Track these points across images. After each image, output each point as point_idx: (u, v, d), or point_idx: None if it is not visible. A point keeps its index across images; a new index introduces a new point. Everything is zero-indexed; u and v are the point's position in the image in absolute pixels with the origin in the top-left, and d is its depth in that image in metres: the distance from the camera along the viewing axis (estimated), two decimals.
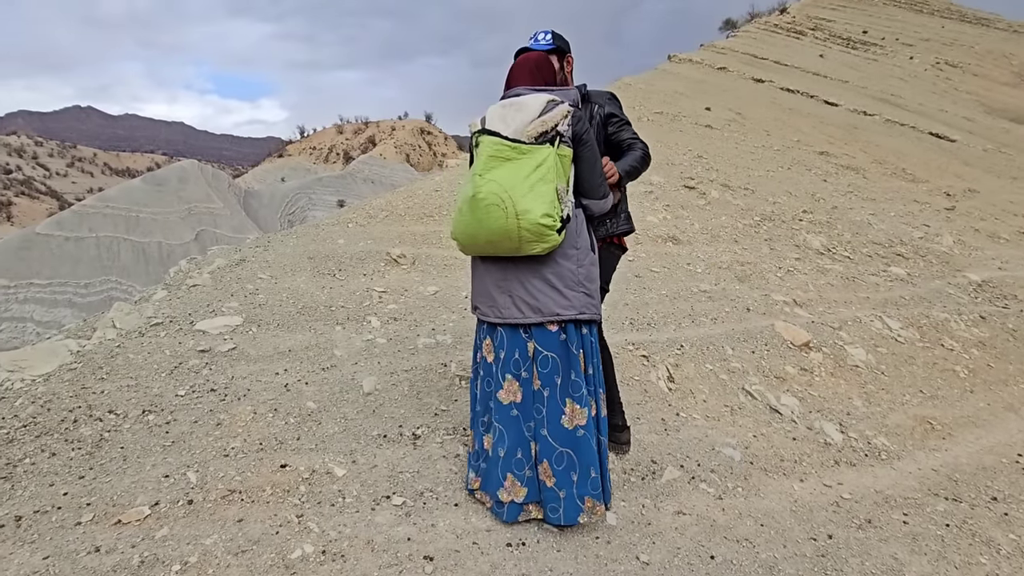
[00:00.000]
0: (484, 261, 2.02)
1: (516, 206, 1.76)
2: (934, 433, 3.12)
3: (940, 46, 26.48)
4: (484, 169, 1.83)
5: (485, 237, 1.85)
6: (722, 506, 2.23)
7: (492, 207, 1.78)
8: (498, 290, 1.97)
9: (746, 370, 3.44)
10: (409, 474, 2.21)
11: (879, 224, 7.44)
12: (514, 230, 1.78)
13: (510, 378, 1.95)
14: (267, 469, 2.15)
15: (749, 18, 29.40)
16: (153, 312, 3.48)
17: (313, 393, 2.69)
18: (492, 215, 1.79)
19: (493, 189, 1.79)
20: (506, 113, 1.90)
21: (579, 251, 1.93)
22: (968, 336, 4.59)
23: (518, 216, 1.76)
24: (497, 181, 1.80)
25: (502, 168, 1.82)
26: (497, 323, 1.97)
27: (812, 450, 2.77)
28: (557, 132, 1.84)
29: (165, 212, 43.29)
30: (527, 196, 1.77)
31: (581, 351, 1.93)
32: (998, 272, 6.53)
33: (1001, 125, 17.19)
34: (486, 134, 1.88)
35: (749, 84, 15.33)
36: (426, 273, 4.46)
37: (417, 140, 60.98)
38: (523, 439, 1.95)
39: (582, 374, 1.93)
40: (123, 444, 2.24)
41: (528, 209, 1.76)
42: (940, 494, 2.54)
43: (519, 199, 1.77)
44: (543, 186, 1.79)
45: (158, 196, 43.94)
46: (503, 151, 1.83)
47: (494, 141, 1.85)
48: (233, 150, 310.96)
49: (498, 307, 1.96)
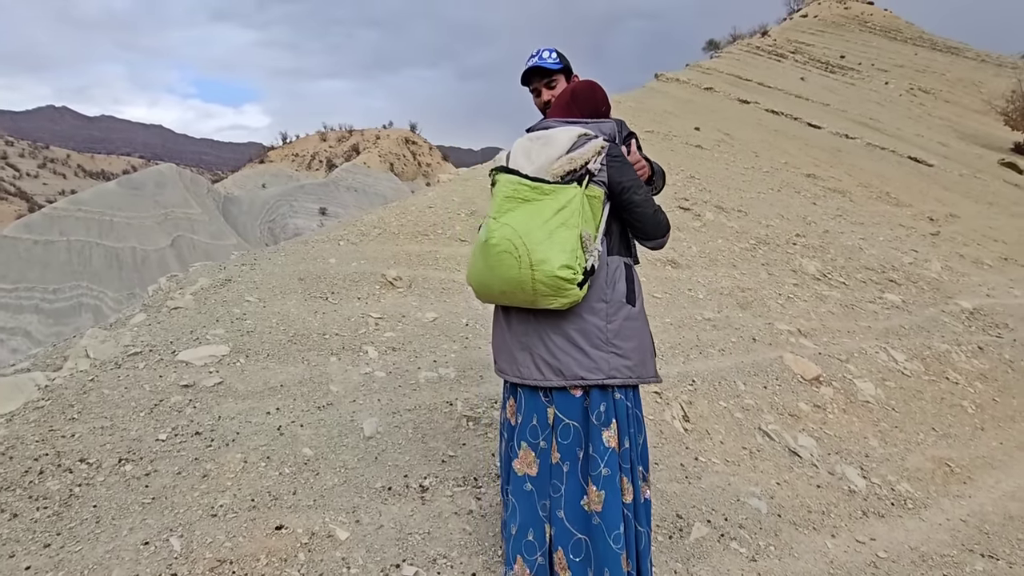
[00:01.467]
0: (505, 312, 1.79)
1: (531, 255, 1.54)
2: (954, 477, 3.03)
3: (914, 73, 27.36)
4: (499, 211, 1.63)
5: (498, 287, 1.63)
6: (757, 570, 2.08)
7: (504, 254, 1.57)
8: (519, 346, 1.72)
9: (760, 407, 3.32)
10: (419, 536, 2.01)
11: (870, 249, 7.48)
12: (528, 281, 1.56)
13: (526, 447, 1.70)
14: (261, 532, 1.93)
15: (731, 39, 30.03)
16: (131, 340, 3.22)
17: (309, 437, 2.47)
18: (504, 263, 1.57)
19: (506, 234, 1.57)
20: (531, 147, 1.68)
21: (609, 304, 1.68)
22: (970, 368, 4.56)
23: (532, 266, 1.54)
24: (512, 226, 1.58)
25: (519, 210, 1.60)
26: (517, 383, 1.74)
27: (838, 499, 2.64)
28: (587, 171, 1.62)
29: (140, 217, 42.21)
30: (544, 243, 1.55)
31: (614, 421, 1.67)
32: (987, 299, 6.59)
33: (974, 151, 17.70)
34: (504, 172, 1.68)
35: (735, 105, 15.52)
36: (424, 297, 4.26)
37: (402, 149, 60.70)
38: (536, 519, 1.70)
39: (604, 449, 1.64)
40: (96, 501, 2.00)
41: (545, 259, 1.54)
42: (975, 550, 2.43)
43: (535, 247, 1.55)
44: (564, 232, 1.56)
45: (134, 200, 42.85)
46: (521, 191, 1.62)
47: (511, 180, 1.64)
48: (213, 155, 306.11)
49: (518, 365, 1.72)
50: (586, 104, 1.81)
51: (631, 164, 1.74)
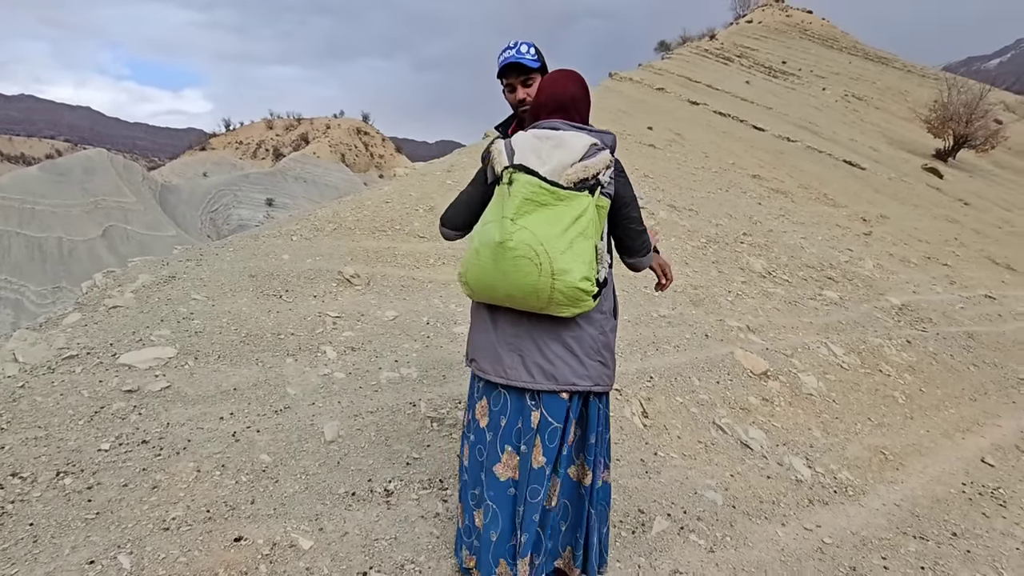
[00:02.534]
0: (493, 311, 1.75)
1: (553, 264, 1.52)
2: (888, 464, 3.25)
3: (848, 80, 28.93)
4: (516, 212, 1.55)
5: (506, 291, 1.59)
6: (715, 560, 2.16)
7: (523, 260, 1.53)
8: (507, 347, 1.70)
9: (714, 402, 3.45)
10: (386, 541, 1.97)
11: (810, 248, 7.88)
12: (546, 290, 1.54)
13: (510, 451, 1.71)
14: (218, 545, 1.85)
15: (682, 41, 30.86)
16: (65, 342, 3.00)
17: (267, 443, 2.39)
18: (522, 269, 1.53)
19: (525, 239, 1.52)
20: (541, 147, 1.62)
21: (603, 316, 1.73)
22: (900, 361, 4.89)
23: (554, 275, 1.52)
24: (531, 230, 1.53)
25: (537, 215, 1.55)
26: (499, 383, 1.71)
27: (786, 489, 2.78)
28: (598, 181, 1.59)
29: (67, 205, 39.43)
30: (566, 254, 1.53)
31: (584, 423, 1.75)
32: (913, 296, 7.07)
33: (901, 156, 18.91)
34: (523, 171, 1.59)
35: (686, 106, 15.97)
36: (383, 295, 4.18)
37: (353, 140, 59.16)
38: (515, 524, 1.72)
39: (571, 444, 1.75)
40: (32, 519, 1.86)
41: (567, 269, 1.52)
42: (908, 532, 2.61)
43: (557, 256, 1.52)
44: (583, 243, 1.55)
45: (59, 187, 39.95)
46: (540, 195, 1.56)
47: (532, 181, 1.56)
48: (148, 140, 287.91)
49: (504, 366, 1.70)
50: (585, 110, 1.78)
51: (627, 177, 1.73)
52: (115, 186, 43.00)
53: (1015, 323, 7.14)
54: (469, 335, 1.85)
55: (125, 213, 42.11)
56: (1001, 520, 2.88)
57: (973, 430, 3.91)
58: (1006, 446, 3.77)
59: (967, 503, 2.99)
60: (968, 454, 3.55)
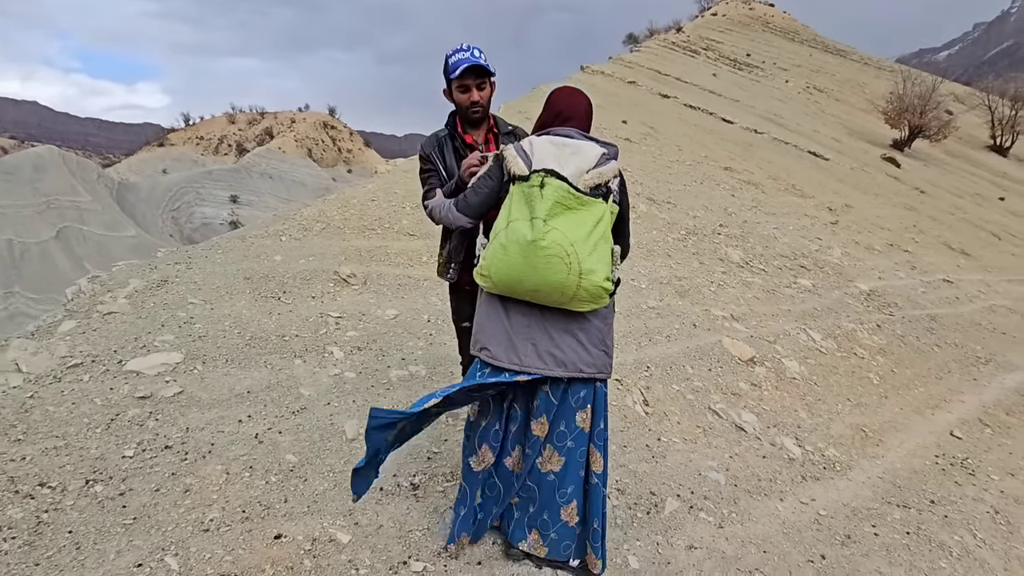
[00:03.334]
0: (505, 302, 1.85)
1: (582, 264, 1.66)
2: (869, 440, 3.48)
3: (809, 72, 29.80)
4: (548, 213, 1.67)
5: (533, 285, 1.71)
6: (725, 535, 2.32)
7: (555, 259, 1.66)
8: (520, 336, 1.82)
9: (708, 388, 3.63)
10: (420, 532, 2.06)
11: (783, 237, 8.19)
12: (572, 287, 1.68)
13: (520, 448, 1.95)
14: (260, 543, 1.90)
15: (649, 34, 31.24)
16: (67, 350, 2.97)
17: (290, 444, 2.44)
18: (553, 267, 1.66)
19: (557, 239, 1.66)
20: (560, 153, 1.75)
21: (607, 309, 1.88)
22: (872, 344, 5.18)
23: (581, 275, 1.67)
24: (562, 231, 1.66)
25: (564, 217, 1.68)
26: (514, 369, 1.82)
27: (781, 467, 2.97)
28: (609, 188, 1.76)
29: (16, 205, 37.59)
30: (592, 255, 1.68)
31: (589, 406, 1.87)
32: (879, 282, 7.45)
33: (861, 146, 19.66)
34: (553, 176, 1.70)
35: (657, 99, 16.25)
36: (380, 294, 4.22)
37: (320, 134, 57.93)
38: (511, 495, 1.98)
39: (575, 427, 1.87)
40: (71, 526, 1.88)
41: (593, 270, 1.67)
42: (892, 502, 2.83)
43: (584, 257, 1.66)
44: (604, 245, 1.72)
45: (7, 187, 38.06)
46: (568, 199, 1.69)
47: (562, 187, 1.69)
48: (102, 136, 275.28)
49: (517, 353, 1.81)
50: (590, 123, 1.96)
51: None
52: (68, 185, 41.17)
53: (971, 305, 7.60)
54: (477, 325, 1.92)
55: (80, 213, 40.38)
56: (972, 487, 3.14)
57: (941, 406, 4.21)
58: (971, 420, 4.07)
59: (941, 473, 3.24)
60: (938, 428, 3.83)
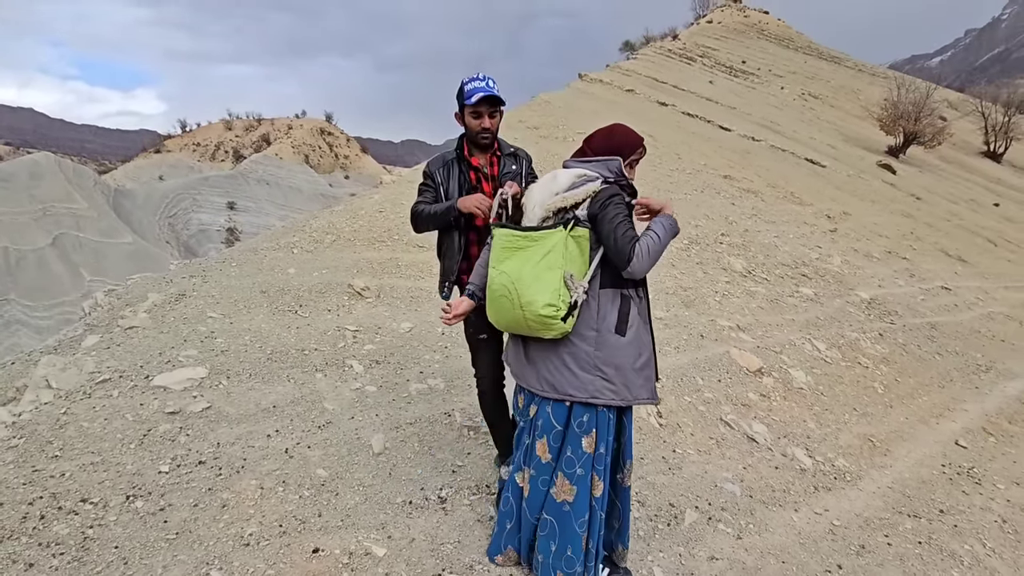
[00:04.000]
0: None
1: (521, 296, 1.80)
2: (877, 450, 3.56)
3: (804, 79, 30.08)
4: (498, 260, 1.90)
5: (505, 323, 1.93)
6: (744, 546, 2.39)
7: (502, 298, 1.85)
8: (527, 360, 1.98)
9: (718, 399, 3.70)
10: (451, 545, 2.13)
11: (784, 246, 8.30)
12: (522, 319, 1.83)
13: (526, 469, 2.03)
14: (299, 557, 1.97)
15: (645, 41, 31.49)
16: (95, 366, 3.03)
17: (320, 458, 2.50)
18: (503, 305, 1.86)
19: (503, 281, 1.85)
20: (543, 184, 1.94)
21: (598, 333, 1.87)
22: (875, 353, 5.27)
23: (522, 307, 1.81)
24: (507, 272, 1.85)
25: (513, 258, 1.87)
26: (521, 385, 2.02)
27: (793, 477, 3.04)
28: (575, 214, 1.83)
29: (13, 212, 37.49)
30: (532, 286, 1.80)
31: (594, 431, 1.89)
32: (879, 290, 7.56)
33: (857, 153, 19.86)
34: (499, 227, 1.95)
35: (656, 107, 16.40)
36: (394, 307, 4.29)
37: (317, 140, 57.99)
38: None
39: (582, 452, 1.90)
40: (116, 542, 1.94)
41: (532, 300, 1.79)
42: (903, 511, 2.91)
43: (524, 289, 1.80)
44: (548, 274, 1.80)
45: (3, 193, 37.95)
46: (515, 241, 1.88)
47: (504, 233, 1.91)
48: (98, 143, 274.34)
49: (526, 375, 1.98)
50: (600, 143, 1.98)
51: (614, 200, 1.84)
52: (65, 192, 41.08)
53: (970, 312, 7.71)
54: (506, 343, 2.14)
55: (77, 220, 40.26)
56: (979, 496, 3.22)
57: (945, 415, 4.30)
58: (974, 429, 4.16)
59: (948, 483, 3.32)
60: (943, 437, 3.92)
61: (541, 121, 11.81)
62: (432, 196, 2.31)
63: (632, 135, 2.02)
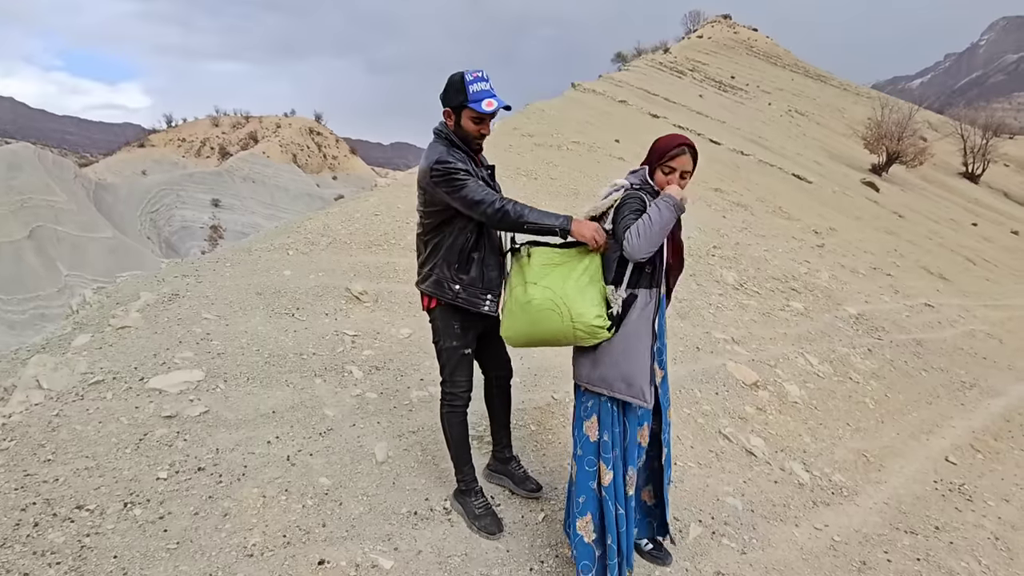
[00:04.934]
0: None
1: (571, 310, 1.93)
2: (871, 466, 3.61)
3: (791, 96, 30.67)
4: (538, 276, 2.02)
5: (541, 337, 2.02)
6: (749, 561, 2.40)
7: (547, 312, 1.96)
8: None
9: (716, 412, 3.72)
10: (458, 558, 2.09)
11: (774, 260, 8.41)
12: (570, 331, 1.94)
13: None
14: (305, 569, 1.92)
15: (637, 53, 31.86)
16: (87, 367, 2.94)
17: (322, 467, 2.45)
18: (548, 319, 1.96)
19: (549, 296, 1.96)
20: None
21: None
22: (865, 368, 5.35)
23: (573, 319, 1.93)
24: (552, 287, 1.97)
25: (553, 274, 2.00)
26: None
27: (792, 492, 3.06)
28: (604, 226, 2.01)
29: None
30: (579, 300, 1.93)
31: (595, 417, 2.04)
32: (866, 305, 7.68)
33: (842, 170, 20.27)
34: (534, 246, 2.09)
35: (647, 119, 16.56)
36: (393, 312, 4.25)
37: (305, 140, 57.48)
38: None
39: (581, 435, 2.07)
40: (115, 551, 1.87)
41: (582, 312, 1.92)
42: (900, 528, 2.94)
43: (572, 303, 1.93)
44: (591, 288, 1.96)
45: None
46: (554, 258, 2.04)
47: (544, 251, 2.06)
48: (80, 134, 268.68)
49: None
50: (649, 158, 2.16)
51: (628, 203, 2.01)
52: (44, 184, 40.14)
53: (952, 330, 7.87)
54: None
55: (55, 213, 39.36)
56: (971, 513, 3.28)
57: (934, 431, 4.37)
58: (963, 445, 4.23)
59: (941, 499, 3.37)
60: (934, 454, 3.98)
61: (536, 129, 11.85)
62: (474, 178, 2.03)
63: (663, 141, 2.10)
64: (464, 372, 2.25)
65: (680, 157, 2.02)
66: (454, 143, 2.09)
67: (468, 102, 2.01)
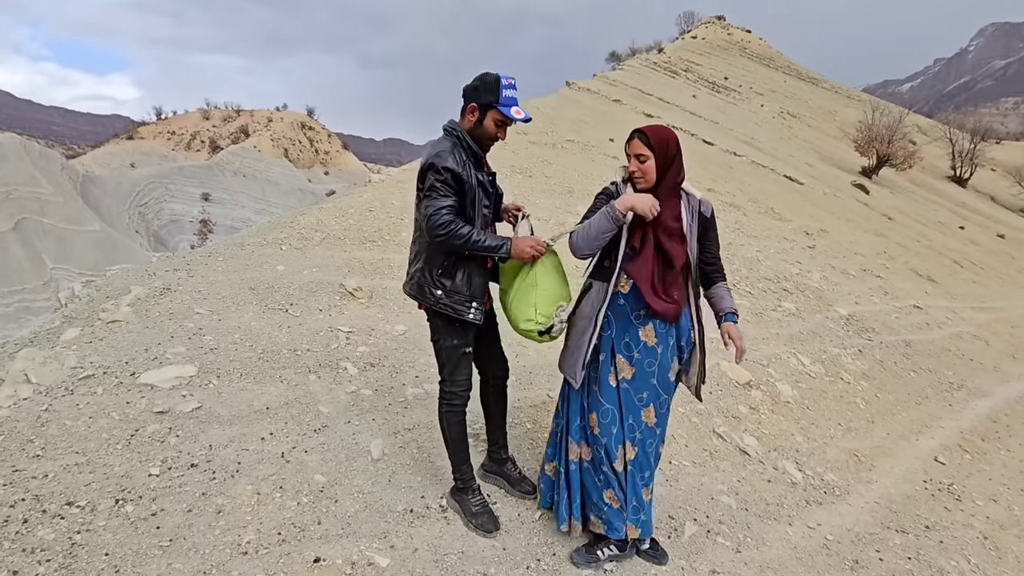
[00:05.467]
0: None
1: (511, 314, 2.18)
2: (862, 465, 3.64)
3: (783, 98, 30.87)
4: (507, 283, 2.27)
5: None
6: (743, 560, 2.41)
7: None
8: None
9: (710, 411, 3.73)
10: (455, 556, 2.08)
11: (765, 260, 8.46)
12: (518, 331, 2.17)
13: None
14: (300, 567, 1.90)
15: (631, 53, 31.90)
16: (77, 361, 2.90)
17: (317, 464, 2.43)
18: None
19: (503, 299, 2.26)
20: None
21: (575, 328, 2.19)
22: (855, 368, 5.40)
23: (511, 322, 2.19)
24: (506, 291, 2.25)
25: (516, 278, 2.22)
26: None
27: (785, 491, 3.08)
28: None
29: None
30: (519, 305, 2.13)
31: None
32: (857, 306, 7.75)
33: (832, 172, 20.43)
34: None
35: (641, 118, 16.58)
36: (387, 309, 4.22)
37: (297, 134, 57.00)
38: None
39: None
40: (106, 548, 1.84)
41: (517, 316, 2.14)
42: (891, 527, 2.97)
43: (514, 308, 2.16)
44: (533, 292, 2.10)
45: None
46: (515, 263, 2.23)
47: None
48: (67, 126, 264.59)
49: None
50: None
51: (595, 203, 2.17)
52: (29, 175, 39.49)
53: (940, 331, 7.97)
54: None
55: (41, 205, 38.74)
56: (960, 513, 3.32)
57: (923, 432, 4.42)
58: (951, 446, 4.28)
59: (931, 498, 3.41)
60: (923, 454, 4.02)
61: (530, 127, 11.83)
62: (455, 200, 1.99)
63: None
64: (464, 371, 2.24)
65: (631, 142, 2.05)
66: (462, 142, 2.05)
67: (498, 104, 2.00)
